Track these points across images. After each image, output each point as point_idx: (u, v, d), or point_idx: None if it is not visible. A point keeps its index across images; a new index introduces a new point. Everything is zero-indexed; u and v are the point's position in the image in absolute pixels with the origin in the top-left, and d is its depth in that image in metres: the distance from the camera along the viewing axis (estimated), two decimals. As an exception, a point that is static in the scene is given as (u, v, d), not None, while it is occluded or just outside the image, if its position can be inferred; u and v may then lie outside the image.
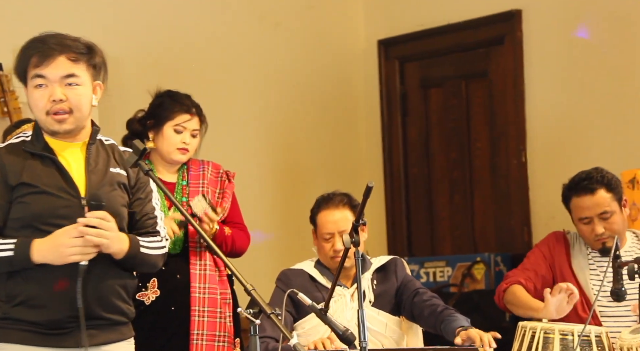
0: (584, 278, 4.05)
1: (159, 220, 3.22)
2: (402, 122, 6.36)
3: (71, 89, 3.05)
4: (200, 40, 5.80)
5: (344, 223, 3.88)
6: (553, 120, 5.72)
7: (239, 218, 4.19)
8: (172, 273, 3.98)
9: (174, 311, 3.98)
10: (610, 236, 4.01)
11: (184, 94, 4.15)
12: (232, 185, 4.17)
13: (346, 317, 3.80)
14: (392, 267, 4.00)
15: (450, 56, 6.17)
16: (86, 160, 3.10)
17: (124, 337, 3.13)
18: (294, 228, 5.63)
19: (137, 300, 3.95)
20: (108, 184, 3.09)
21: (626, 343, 3.69)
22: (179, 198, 4.08)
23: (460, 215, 6.13)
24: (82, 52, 3.07)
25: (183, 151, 4.07)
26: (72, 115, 3.06)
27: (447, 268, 5.88)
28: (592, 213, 4.02)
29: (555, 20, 5.71)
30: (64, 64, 3.04)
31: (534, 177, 5.79)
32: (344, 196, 3.95)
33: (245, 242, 4.15)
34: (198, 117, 4.12)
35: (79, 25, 5.30)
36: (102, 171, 3.11)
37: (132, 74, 5.53)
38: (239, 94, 5.74)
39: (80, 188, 3.05)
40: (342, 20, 6.40)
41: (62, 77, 3.04)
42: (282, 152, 6.12)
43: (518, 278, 4.05)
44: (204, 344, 3.95)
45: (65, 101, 3.04)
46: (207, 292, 3.99)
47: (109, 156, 3.15)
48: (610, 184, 4.05)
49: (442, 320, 3.77)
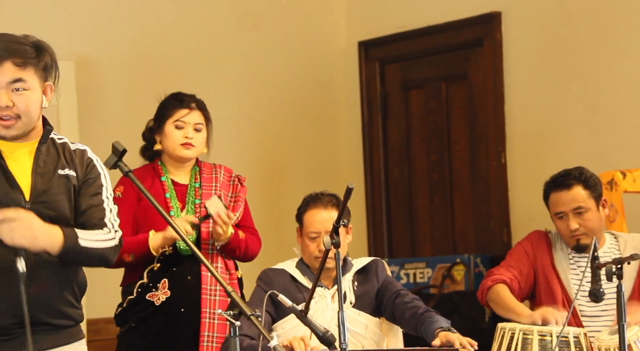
0: (566, 277, 4.07)
1: (108, 212, 3.11)
2: (382, 123, 6.37)
3: (18, 95, 2.98)
4: (180, 42, 5.80)
5: (331, 223, 3.87)
6: (532, 121, 5.75)
7: (250, 222, 4.20)
8: (183, 274, 3.99)
9: (184, 313, 3.99)
10: (585, 233, 4.05)
11: (186, 94, 4.15)
12: (244, 190, 4.18)
13: (327, 318, 3.80)
14: (373, 269, 4.01)
15: (430, 58, 6.18)
16: (34, 161, 3.04)
17: (72, 340, 3.08)
18: (274, 228, 5.63)
19: (147, 301, 3.98)
20: (55, 186, 3.03)
21: (604, 344, 3.71)
22: (192, 201, 4.08)
23: (440, 217, 6.14)
24: (29, 56, 2.99)
25: (187, 146, 4.06)
26: (19, 121, 3.00)
27: (427, 270, 5.89)
28: (567, 208, 4.06)
29: (534, 23, 5.74)
30: (10, 69, 2.97)
31: (513, 178, 5.82)
32: (333, 197, 3.96)
33: (257, 247, 4.17)
34: (200, 111, 4.11)
35: (57, 26, 5.29)
36: (50, 173, 3.04)
37: (111, 75, 5.52)
38: (219, 96, 5.74)
39: (25, 192, 2.99)
40: (323, 22, 6.41)
41: (9, 82, 2.97)
42: (262, 153, 6.11)
43: (503, 277, 4.05)
44: (214, 346, 3.96)
45: (12, 107, 2.98)
46: (218, 294, 4.00)
47: (59, 156, 3.09)
48: (587, 181, 4.08)
49: (422, 322, 3.77)
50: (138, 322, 4.02)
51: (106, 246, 3.06)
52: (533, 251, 4.13)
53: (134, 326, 4.03)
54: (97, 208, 3.09)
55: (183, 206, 4.07)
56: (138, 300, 4.01)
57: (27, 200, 2.98)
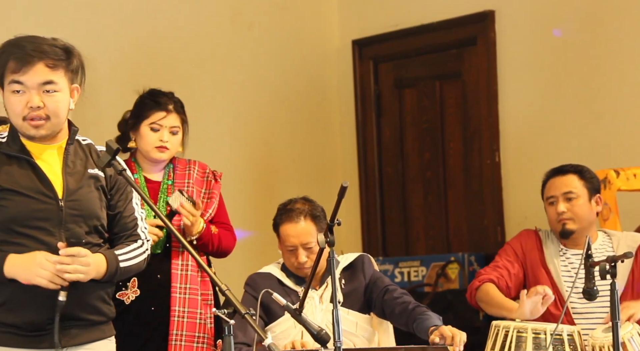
0: (557, 274, 4.08)
1: (140, 221, 3.23)
2: (376, 122, 6.38)
3: (49, 96, 3.06)
4: (174, 40, 5.79)
5: (305, 236, 3.86)
6: (526, 120, 5.75)
7: (225, 218, 4.18)
8: (152, 273, 3.95)
9: (154, 311, 3.97)
10: (571, 218, 4.07)
11: (164, 92, 4.12)
12: (218, 185, 4.16)
13: (316, 319, 3.78)
14: (359, 265, 4.00)
15: (424, 56, 6.19)
16: (63, 161, 3.11)
17: (104, 336, 3.15)
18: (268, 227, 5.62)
19: (116, 299, 3.94)
20: (86, 185, 3.10)
21: (598, 342, 3.72)
22: (163, 198, 4.06)
23: (434, 215, 6.15)
24: (60, 58, 3.07)
25: (161, 149, 4.04)
26: (49, 121, 3.07)
27: (422, 268, 5.90)
28: (558, 192, 4.10)
29: (528, 21, 5.74)
30: (42, 71, 3.04)
31: (507, 177, 5.82)
32: (305, 205, 3.91)
33: (231, 242, 4.14)
34: (177, 113, 4.08)
35: (52, 24, 5.28)
36: (80, 173, 3.12)
37: (104, 73, 5.51)
38: (213, 94, 5.74)
39: (57, 190, 3.06)
40: (316, 20, 6.41)
41: (40, 83, 3.04)
42: (256, 151, 6.11)
43: (490, 276, 4.06)
44: (183, 345, 3.94)
45: (43, 108, 3.05)
46: (188, 293, 3.98)
47: (87, 157, 3.16)
48: (582, 172, 4.12)
49: (414, 318, 3.77)
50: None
51: (141, 259, 3.20)
52: (522, 250, 4.14)
53: None
54: (130, 217, 3.20)
55: (155, 203, 4.03)
56: None
57: (60, 199, 3.04)
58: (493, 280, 4.05)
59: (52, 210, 3.03)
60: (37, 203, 3.03)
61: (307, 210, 3.89)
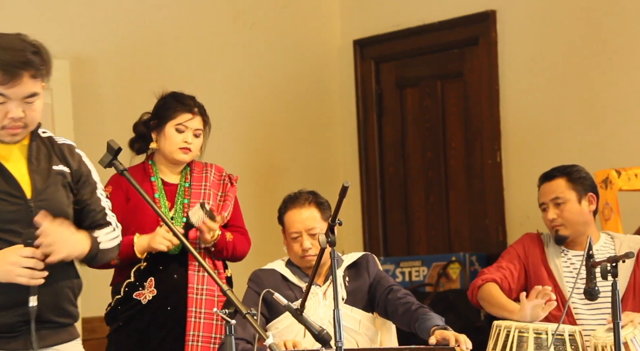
0: (559, 275, 4.08)
1: (107, 210, 3.19)
2: (377, 121, 6.38)
3: (30, 106, 3.01)
4: (176, 41, 5.79)
5: (310, 221, 3.88)
6: (527, 120, 5.75)
7: (240, 221, 4.18)
8: (169, 273, 3.98)
9: (170, 311, 3.98)
10: (563, 224, 4.08)
11: (187, 95, 4.14)
12: (234, 189, 4.16)
13: (319, 315, 3.80)
14: (363, 263, 4.01)
15: (425, 56, 6.19)
16: (28, 159, 3.06)
17: (72, 337, 3.13)
18: (270, 227, 5.62)
19: (134, 299, 3.97)
20: (53, 184, 3.06)
21: (600, 342, 3.72)
22: (180, 200, 4.07)
23: (436, 215, 6.15)
24: (41, 66, 3.00)
25: (185, 150, 4.05)
26: (26, 129, 3.04)
27: (423, 268, 5.90)
28: (547, 199, 4.12)
29: (529, 21, 5.74)
30: (27, 83, 2.98)
31: (508, 176, 5.82)
32: (310, 194, 3.95)
33: (246, 247, 4.15)
34: (201, 116, 4.09)
35: (51, 24, 5.28)
36: (45, 170, 3.07)
37: (105, 74, 5.51)
38: (215, 94, 5.74)
39: (25, 190, 3.01)
40: (318, 20, 6.41)
41: (25, 96, 3.00)
42: (258, 151, 6.11)
43: (494, 276, 4.06)
44: (200, 345, 3.95)
45: (23, 118, 3.01)
46: (205, 294, 3.99)
47: (50, 152, 3.11)
48: (571, 174, 4.12)
49: (416, 318, 3.77)
50: (125, 321, 4.01)
51: (115, 244, 3.17)
52: (525, 252, 4.15)
53: (121, 326, 4.03)
54: (97, 208, 3.15)
55: (172, 205, 4.05)
56: (125, 299, 4.00)
57: (28, 199, 3.00)
58: (496, 280, 4.05)
59: (21, 211, 2.99)
60: (6, 205, 2.97)
61: (311, 198, 3.93)
